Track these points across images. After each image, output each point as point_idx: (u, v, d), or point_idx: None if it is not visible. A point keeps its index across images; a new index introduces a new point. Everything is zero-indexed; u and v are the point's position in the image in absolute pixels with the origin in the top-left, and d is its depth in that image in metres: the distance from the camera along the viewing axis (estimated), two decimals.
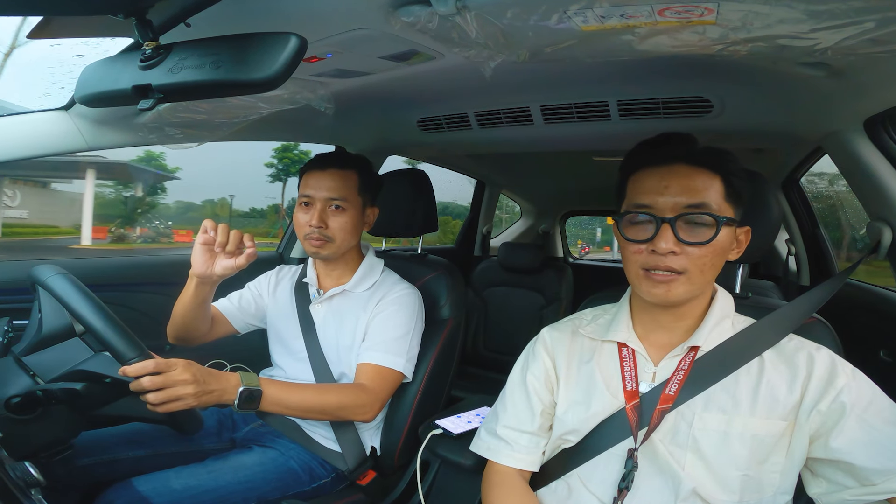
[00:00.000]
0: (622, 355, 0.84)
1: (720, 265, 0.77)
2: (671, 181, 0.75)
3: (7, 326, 0.90)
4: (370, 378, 1.15)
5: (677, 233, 0.73)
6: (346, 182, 1.21)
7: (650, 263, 0.75)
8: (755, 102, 1.17)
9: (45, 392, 0.77)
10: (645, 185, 0.77)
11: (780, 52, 0.77)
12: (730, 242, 0.76)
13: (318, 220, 1.19)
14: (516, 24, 0.73)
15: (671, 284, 0.74)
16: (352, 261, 1.30)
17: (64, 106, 1.14)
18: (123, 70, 0.71)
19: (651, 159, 0.78)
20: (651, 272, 0.75)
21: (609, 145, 1.60)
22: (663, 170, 0.76)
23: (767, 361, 0.77)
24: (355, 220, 1.23)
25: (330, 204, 1.20)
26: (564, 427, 0.85)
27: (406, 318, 1.22)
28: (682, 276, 0.74)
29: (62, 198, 15.91)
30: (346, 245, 1.24)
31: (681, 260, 0.73)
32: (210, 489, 1.02)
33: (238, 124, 1.24)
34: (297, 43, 0.62)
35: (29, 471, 0.55)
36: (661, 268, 0.74)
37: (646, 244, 0.75)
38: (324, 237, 1.20)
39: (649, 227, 0.75)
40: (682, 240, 0.73)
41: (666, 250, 0.73)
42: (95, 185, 14.41)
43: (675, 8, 0.67)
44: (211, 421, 1.24)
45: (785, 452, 0.73)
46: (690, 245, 0.73)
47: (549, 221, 3.41)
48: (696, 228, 0.74)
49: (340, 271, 1.30)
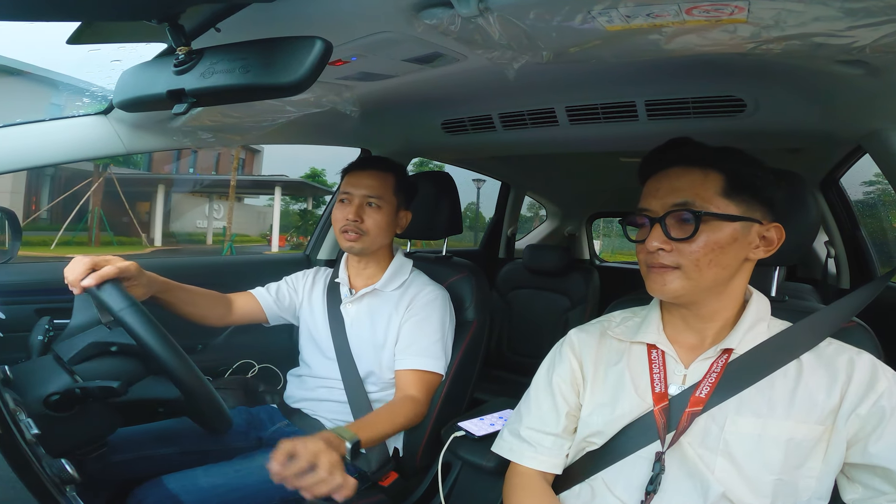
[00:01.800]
0: (651, 357, 0.83)
1: (727, 263, 0.76)
2: (663, 183, 0.79)
3: (48, 325, 0.92)
4: (415, 386, 1.20)
5: (667, 230, 0.75)
6: (383, 182, 1.27)
7: (649, 260, 0.78)
8: (791, 101, 1.13)
9: (84, 390, 0.78)
10: (645, 190, 0.82)
11: (815, 51, 0.74)
12: (733, 238, 0.75)
13: (355, 214, 1.25)
14: (539, 25, 0.72)
15: (665, 277, 0.76)
16: (383, 261, 1.34)
17: (103, 111, 1.17)
18: (158, 75, 0.73)
19: (655, 166, 0.82)
20: (650, 268, 0.78)
21: (637, 146, 1.57)
22: (661, 175, 0.80)
23: (806, 365, 0.75)
24: (389, 219, 1.29)
25: (367, 201, 1.26)
26: (589, 429, 0.84)
27: (439, 320, 1.26)
28: (678, 271, 0.75)
29: (252, 211, 19.14)
30: (379, 241, 1.29)
31: (672, 256, 0.75)
32: (236, 488, 1.04)
33: (267, 128, 1.27)
34: (322, 47, 0.63)
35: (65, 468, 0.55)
36: (656, 264, 0.76)
37: (643, 243, 0.78)
38: (359, 231, 1.25)
39: (645, 228, 0.79)
40: (671, 236, 0.75)
41: (654, 248, 0.76)
42: (270, 200, 17.26)
43: (704, 7, 0.65)
44: (239, 420, 1.26)
45: (822, 457, 0.71)
46: (678, 241, 0.75)
47: (575, 223, 3.37)
48: (683, 225, 0.75)
49: (372, 271, 1.33)
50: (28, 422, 0.57)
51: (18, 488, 0.45)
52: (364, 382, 1.25)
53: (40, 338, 0.91)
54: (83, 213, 13.28)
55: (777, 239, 0.78)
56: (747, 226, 0.75)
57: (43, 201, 14.07)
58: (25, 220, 12.58)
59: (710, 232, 0.74)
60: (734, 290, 0.79)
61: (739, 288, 0.80)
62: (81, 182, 13.34)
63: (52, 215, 14.00)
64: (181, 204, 16.46)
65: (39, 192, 14.09)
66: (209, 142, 1.31)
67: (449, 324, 1.29)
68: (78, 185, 13.37)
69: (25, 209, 12.85)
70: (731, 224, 0.74)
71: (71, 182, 13.80)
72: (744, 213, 0.75)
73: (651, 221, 0.77)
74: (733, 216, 0.74)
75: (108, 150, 1.20)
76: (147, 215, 15.33)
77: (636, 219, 0.81)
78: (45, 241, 12.04)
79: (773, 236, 0.77)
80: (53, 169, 13.58)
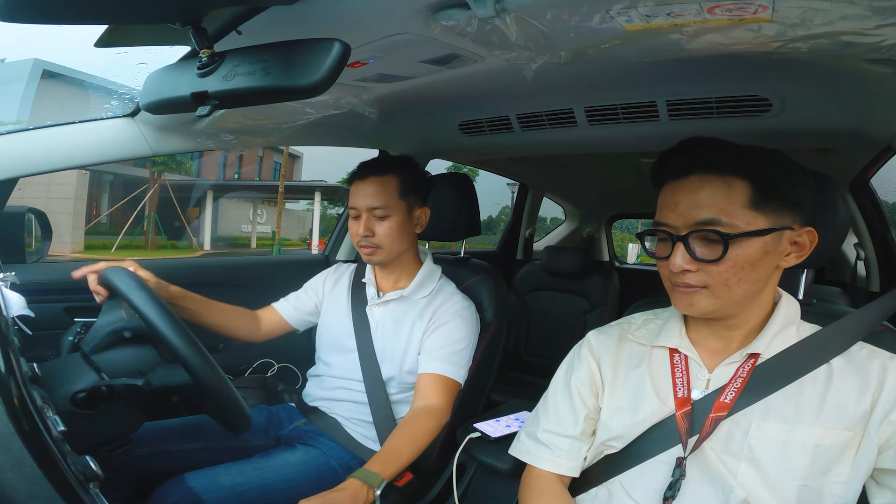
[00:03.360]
0: (673, 361, 0.81)
1: (758, 277, 0.72)
2: (681, 196, 0.72)
3: (80, 329, 0.94)
4: (437, 392, 1.18)
5: (691, 250, 0.71)
6: (385, 188, 1.23)
7: (672, 279, 0.74)
8: (819, 100, 1.10)
9: (109, 387, 0.79)
10: (662, 202, 0.76)
11: (844, 49, 0.72)
12: (763, 252, 0.70)
13: (365, 229, 1.22)
14: (557, 25, 0.72)
15: (693, 297, 0.72)
16: (409, 265, 1.31)
17: (130, 113, 1.20)
18: (182, 77, 0.75)
19: (670, 172, 0.75)
20: (676, 286, 0.74)
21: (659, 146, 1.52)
22: (677, 184, 0.74)
23: (836, 369, 0.72)
24: (400, 225, 1.24)
25: (373, 212, 1.23)
26: (609, 433, 0.83)
27: (466, 330, 1.25)
28: (706, 291, 0.72)
29: (293, 216, 19.74)
30: (396, 249, 1.26)
31: (699, 276, 0.71)
32: (255, 486, 1.06)
33: (287, 129, 1.29)
34: (340, 49, 0.64)
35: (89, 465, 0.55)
36: (681, 284, 0.73)
37: (666, 261, 0.74)
38: (372, 245, 1.23)
39: (667, 245, 0.74)
40: (697, 257, 0.70)
41: (679, 269, 0.71)
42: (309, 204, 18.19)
43: (726, 5, 0.64)
44: (259, 418, 1.28)
45: (850, 463, 0.69)
46: (706, 262, 0.70)
47: (594, 225, 3.33)
48: (710, 245, 0.70)
49: (398, 275, 1.31)
50: (55, 419, 0.58)
51: (43, 485, 0.46)
52: (385, 384, 1.25)
53: (71, 338, 0.93)
54: (140, 218, 13.97)
55: (809, 243, 0.73)
56: (778, 235, 0.71)
57: (103, 207, 14.78)
58: (87, 224, 13.27)
59: (738, 250, 0.69)
60: (764, 298, 0.77)
61: (769, 295, 0.77)
62: (139, 188, 14.01)
63: (112, 220, 14.72)
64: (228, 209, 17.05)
65: (100, 197, 14.83)
66: (231, 143, 1.33)
67: (473, 337, 1.27)
68: (135, 192, 14.06)
69: (87, 214, 13.46)
70: (762, 238, 0.70)
71: (129, 188, 14.51)
72: (774, 224, 0.70)
73: (672, 239, 0.72)
74: (763, 230, 0.69)
75: (134, 151, 1.22)
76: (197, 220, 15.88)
77: (654, 235, 0.77)
78: (106, 245, 12.68)
79: (805, 241, 0.73)
80: (112, 176, 14.51)
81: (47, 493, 0.46)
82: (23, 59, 2.29)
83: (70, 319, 1.25)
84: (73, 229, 12.32)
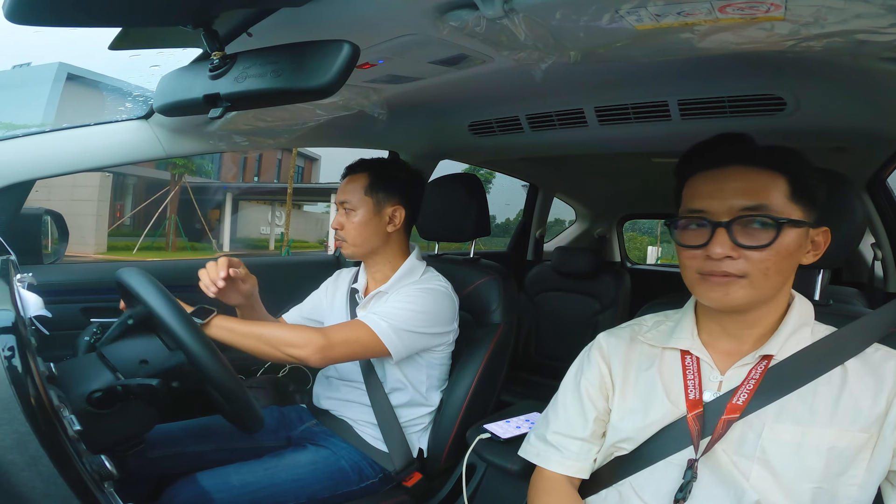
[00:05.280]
0: (685, 363, 0.80)
1: (789, 270, 0.73)
2: (726, 183, 0.72)
3: (96, 329, 0.95)
4: (339, 330, 1.13)
5: (734, 237, 0.70)
6: (353, 185, 1.28)
7: (706, 268, 0.72)
8: (834, 99, 1.08)
9: (125, 387, 0.80)
10: (699, 190, 0.75)
11: (859, 48, 0.70)
12: (798, 245, 0.71)
13: (336, 223, 1.29)
14: (566, 25, 0.71)
15: (729, 287, 0.71)
16: (393, 263, 1.30)
17: (144, 115, 1.22)
18: (195, 80, 0.76)
19: (706, 162, 0.75)
20: (707, 276, 0.73)
21: (670, 146, 1.53)
22: (717, 172, 0.73)
23: (851, 371, 0.71)
24: (365, 220, 1.25)
25: (342, 206, 1.29)
26: (619, 435, 0.82)
27: (418, 300, 1.18)
28: (743, 280, 0.71)
29: (311, 218, 20.17)
30: (364, 243, 1.26)
31: (739, 264, 0.70)
32: (265, 486, 1.07)
33: (297, 131, 1.30)
34: (350, 50, 0.64)
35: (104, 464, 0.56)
36: (718, 272, 0.71)
37: (700, 249, 0.72)
38: (340, 238, 1.28)
39: (703, 232, 0.73)
40: (740, 244, 0.70)
41: (721, 255, 0.70)
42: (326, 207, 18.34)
43: (738, 4, 0.63)
44: (270, 419, 1.29)
45: (865, 465, 0.68)
46: (749, 249, 0.70)
47: (605, 225, 3.31)
48: (755, 231, 0.70)
49: (382, 274, 1.30)
50: (71, 418, 0.58)
51: (60, 484, 0.46)
52: (384, 384, 1.25)
53: (87, 338, 0.93)
54: (161, 220, 14.26)
55: (824, 243, 0.75)
56: (807, 231, 0.73)
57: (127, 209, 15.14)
58: (111, 226, 13.60)
59: (783, 238, 0.70)
60: (782, 296, 0.76)
61: (786, 293, 0.77)
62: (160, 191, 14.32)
63: (135, 222, 15.06)
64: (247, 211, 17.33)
65: (124, 199, 15.21)
66: (243, 145, 1.34)
67: (429, 314, 1.18)
68: (157, 194, 14.37)
69: (111, 216, 13.80)
70: (797, 230, 0.71)
71: (151, 190, 14.83)
72: (805, 218, 0.72)
73: (713, 225, 0.72)
74: (804, 222, 0.71)
75: (148, 153, 1.24)
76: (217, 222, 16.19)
77: (689, 222, 0.75)
78: (128, 246, 12.99)
79: (820, 240, 0.75)
80: (136, 178, 14.87)
81: (63, 493, 0.46)
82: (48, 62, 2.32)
83: (86, 320, 1.27)
84: (96, 231, 12.60)
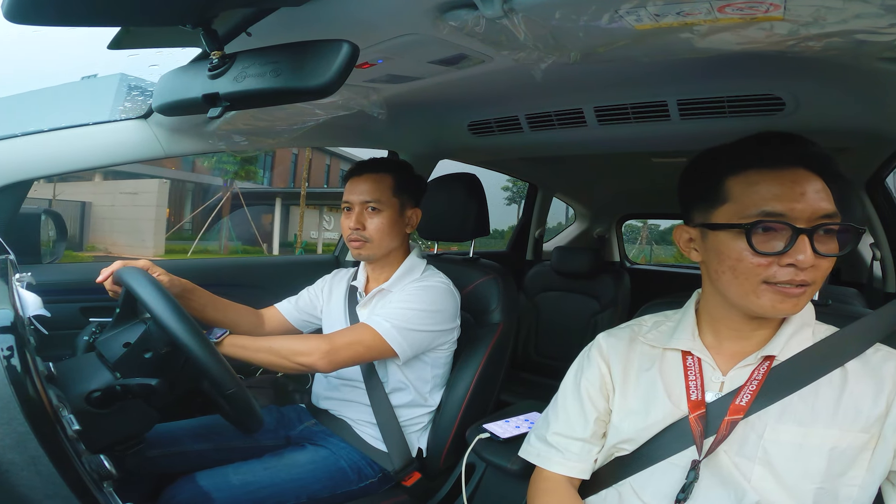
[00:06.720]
0: (686, 364, 0.80)
1: None
2: (806, 187, 0.68)
3: (95, 329, 0.95)
4: (344, 335, 1.14)
5: (815, 244, 0.66)
6: (379, 185, 1.25)
7: (781, 277, 0.68)
8: (833, 99, 1.08)
9: (124, 387, 0.80)
10: (772, 190, 0.69)
11: (858, 48, 0.71)
12: None
13: (356, 223, 1.25)
14: (566, 25, 0.71)
15: (801, 299, 0.69)
16: (396, 262, 1.31)
17: (143, 115, 1.22)
18: (194, 79, 0.76)
19: (764, 160, 0.70)
20: (780, 286, 0.68)
21: (669, 146, 1.53)
22: (789, 173, 0.69)
23: (851, 372, 0.72)
24: (391, 221, 1.26)
25: (366, 206, 1.25)
26: (620, 436, 0.82)
27: (419, 298, 1.19)
28: (809, 289, 0.69)
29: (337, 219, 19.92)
30: (385, 245, 1.27)
31: (813, 273, 0.68)
32: (265, 485, 1.07)
33: (297, 131, 1.30)
34: (349, 50, 0.64)
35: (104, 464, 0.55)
36: (797, 282, 0.68)
37: (775, 256, 0.68)
38: (362, 238, 1.25)
39: (778, 237, 0.68)
40: (820, 252, 0.67)
41: (808, 264, 0.66)
42: None
43: (737, 4, 0.63)
44: (269, 418, 1.29)
45: (866, 466, 0.68)
46: (824, 257, 0.68)
47: (604, 225, 3.32)
48: (827, 239, 0.68)
49: (385, 273, 1.31)
50: (70, 418, 0.58)
51: (59, 483, 0.46)
52: (385, 384, 1.25)
53: (86, 338, 0.93)
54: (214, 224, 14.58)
55: None
56: None
57: (186, 213, 15.39)
58: (169, 230, 13.86)
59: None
60: None
61: None
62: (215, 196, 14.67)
63: (195, 225, 15.28)
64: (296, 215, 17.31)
65: (183, 205, 15.50)
66: (242, 145, 1.34)
67: (431, 306, 1.19)
68: (211, 199, 14.68)
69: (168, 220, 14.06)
70: None
71: (206, 196, 15.21)
72: None
73: (795, 231, 0.67)
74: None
75: (147, 153, 1.24)
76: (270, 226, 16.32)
77: (769, 225, 0.68)
78: (185, 249, 13.10)
79: None
80: (193, 184, 15.28)
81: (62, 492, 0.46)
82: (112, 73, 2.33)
83: (85, 319, 1.26)
84: (154, 234, 12.90)
